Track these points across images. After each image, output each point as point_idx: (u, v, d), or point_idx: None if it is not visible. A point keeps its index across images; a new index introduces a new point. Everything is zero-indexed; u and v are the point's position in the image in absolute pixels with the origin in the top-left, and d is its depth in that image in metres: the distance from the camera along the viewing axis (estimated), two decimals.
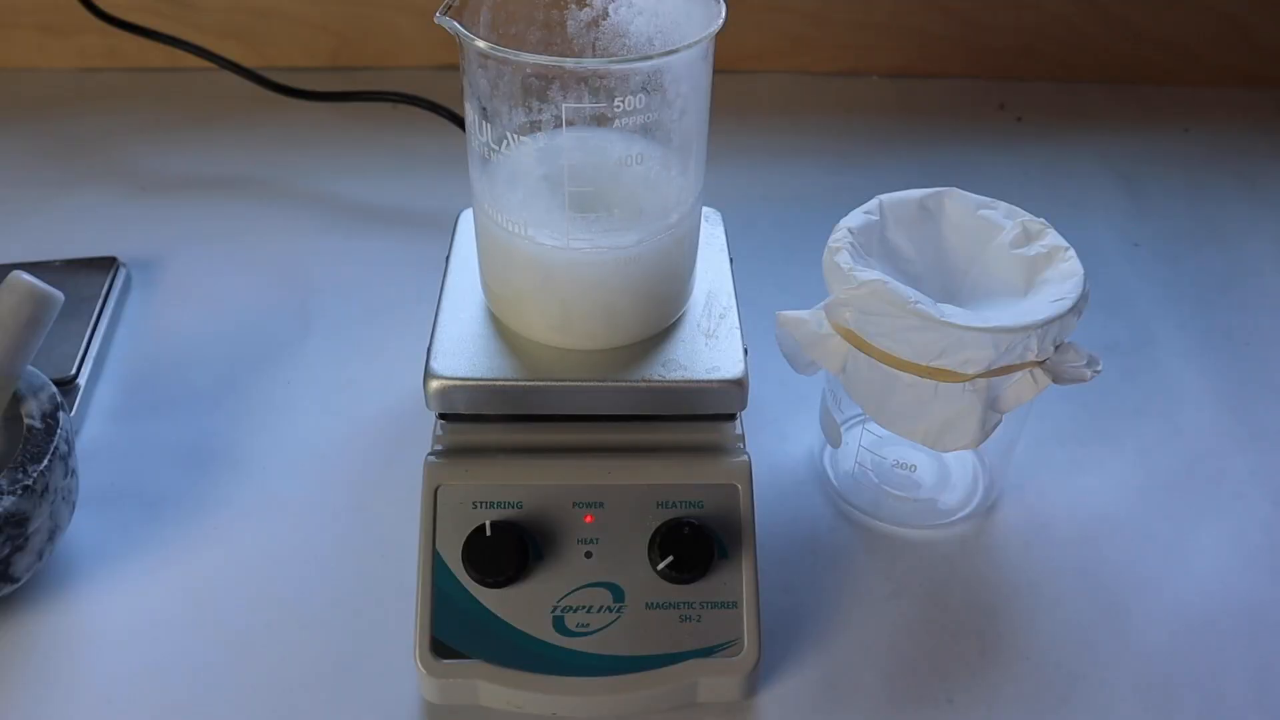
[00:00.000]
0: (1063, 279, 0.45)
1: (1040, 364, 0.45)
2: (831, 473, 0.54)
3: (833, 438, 0.52)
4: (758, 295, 0.65)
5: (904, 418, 0.46)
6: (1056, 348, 0.45)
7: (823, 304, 0.47)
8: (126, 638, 0.47)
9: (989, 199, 0.50)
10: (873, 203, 0.49)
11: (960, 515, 0.53)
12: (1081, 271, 0.46)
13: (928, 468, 0.54)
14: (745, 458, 0.46)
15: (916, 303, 0.43)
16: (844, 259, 0.46)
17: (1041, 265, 0.47)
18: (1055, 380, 0.45)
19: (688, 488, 0.45)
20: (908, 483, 0.53)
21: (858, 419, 0.52)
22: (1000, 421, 0.46)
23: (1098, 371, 0.46)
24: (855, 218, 0.48)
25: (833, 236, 0.47)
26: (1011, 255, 0.48)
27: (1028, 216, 0.49)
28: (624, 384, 0.45)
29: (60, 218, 0.72)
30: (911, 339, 0.44)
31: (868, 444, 0.52)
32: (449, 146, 0.70)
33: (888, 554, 0.51)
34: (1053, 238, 0.48)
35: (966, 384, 0.44)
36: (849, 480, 0.53)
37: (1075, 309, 0.44)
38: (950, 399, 0.45)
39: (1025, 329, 0.43)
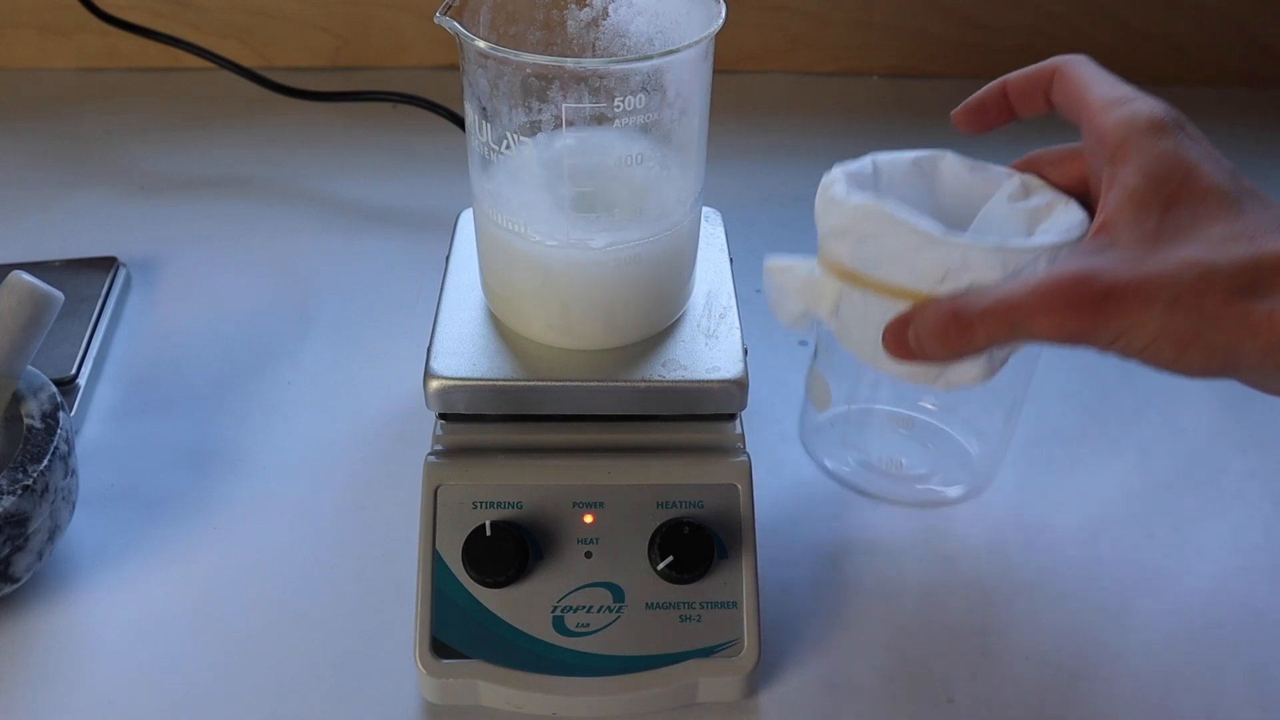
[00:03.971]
0: (1068, 225, 0.43)
1: None
2: (809, 443, 0.53)
3: (820, 400, 0.50)
4: (757, 295, 0.66)
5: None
6: None
7: (815, 255, 0.45)
8: (126, 638, 0.47)
9: (982, 161, 0.47)
10: (865, 160, 0.46)
11: (954, 496, 0.52)
12: (1085, 214, 0.43)
13: (920, 456, 0.53)
14: (745, 458, 0.46)
15: (917, 221, 0.40)
16: (839, 190, 0.43)
17: (1043, 215, 0.44)
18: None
19: (688, 488, 0.45)
20: (899, 466, 0.52)
21: (844, 405, 0.50)
22: (1007, 359, 0.43)
23: None
24: (848, 166, 0.45)
25: (826, 177, 0.45)
26: (1012, 208, 0.45)
27: (1024, 175, 0.46)
28: (624, 384, 0.45)
29: (60, 218, 0.72)
30: (914, 262, 0.40)
31: (856, 417, 0.50)
32: (449, 146, 0.70)
33: (888, 554, 0.51)
34: (1052, 191, 0.45)
35: None
36: (833, 452, 0.52)
37: (1084, 238, 0.41)
38: None
39: (1034, 250, 0.40)
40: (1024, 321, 0.37)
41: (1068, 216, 0.44)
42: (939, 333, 0.39)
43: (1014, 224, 0.45)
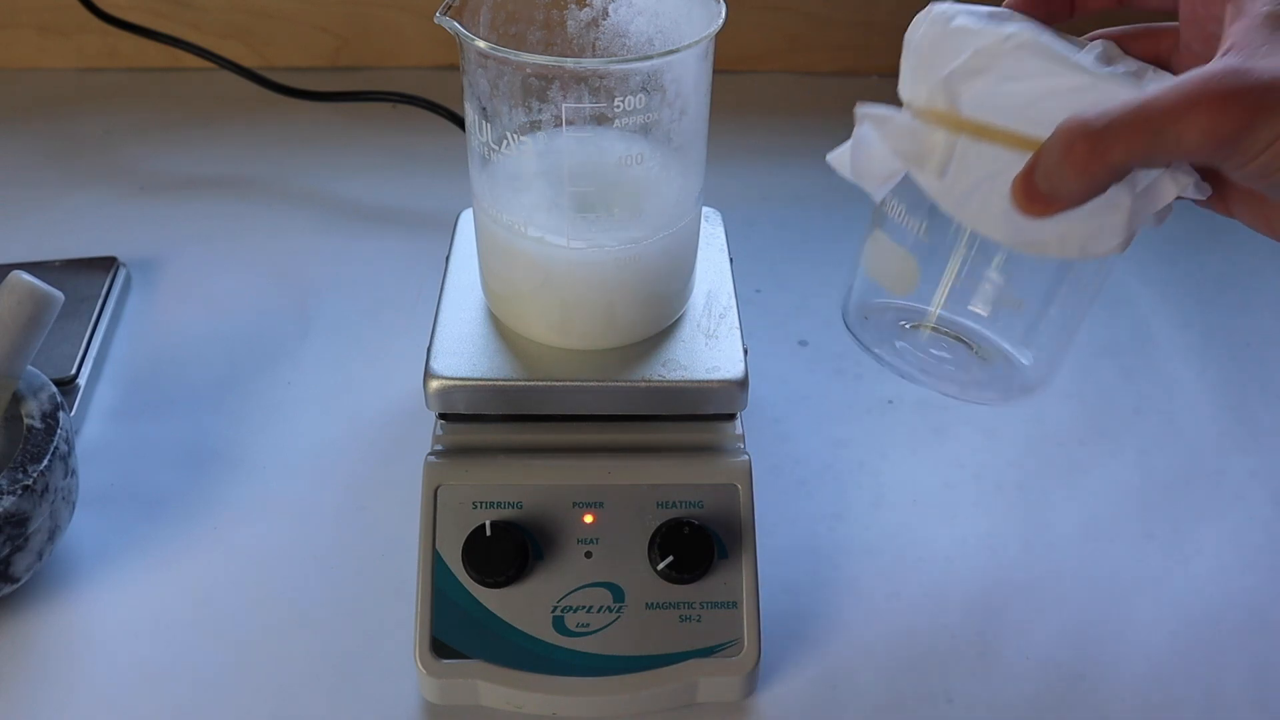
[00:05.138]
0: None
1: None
2: (865, 338, 0.44)
3: (901, 280, 0.41)
4: (757, 295, 0.66)
5: (1034, 223, 0.35)
6: None
7: (905, 107, 0.39)
8: (126, 638, 0.47)
9: (1053, 30, 0.39)
10: (939, 6, 0.39)
11: (999, 399, 0.43)
12: None
13: (970, 356, 0.42)
14: (745, 458, 0.46)
15: (1079, 55, 0.34)
16: (967, 20, 0.36)
17: (1138, 78, 0.38)
18: (1185, 192, 0.37)
19: (688, 488, 0.45)
20: (955, 361, 0.43)
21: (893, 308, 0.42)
22: (1143, 223, 0.37)
23: (1207, 193, 0.38)
24: (938, 5, 0.38)
25: (935, 9, 0.38)
26: (1103, 72, 0.37)
27: (1104, 41, 0.39)
28: (624, 384, 0.45)
29: (60, 218, 0.72)
30: (1063, 108, 0.33)
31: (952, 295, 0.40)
32: (449, 146, 0.70)
33: (888, 554, 0.51)
34: (1137, 61, 0.39)
35: None
36: (891, 352, 0.43)
37: None
38: None
39: None
40: (1169, 126, 0.32)
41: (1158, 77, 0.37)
42: (1067, 155, 0.33)
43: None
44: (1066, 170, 0.33)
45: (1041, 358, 0.43)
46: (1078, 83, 0.34)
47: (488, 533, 0.43)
